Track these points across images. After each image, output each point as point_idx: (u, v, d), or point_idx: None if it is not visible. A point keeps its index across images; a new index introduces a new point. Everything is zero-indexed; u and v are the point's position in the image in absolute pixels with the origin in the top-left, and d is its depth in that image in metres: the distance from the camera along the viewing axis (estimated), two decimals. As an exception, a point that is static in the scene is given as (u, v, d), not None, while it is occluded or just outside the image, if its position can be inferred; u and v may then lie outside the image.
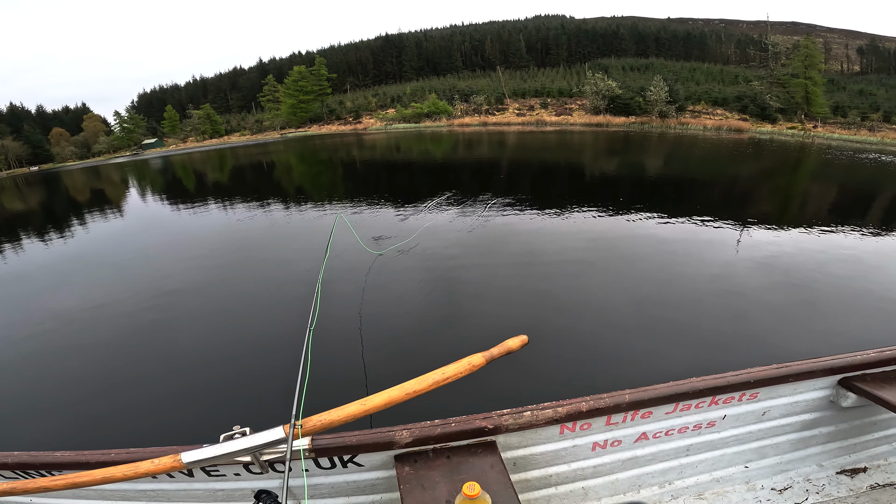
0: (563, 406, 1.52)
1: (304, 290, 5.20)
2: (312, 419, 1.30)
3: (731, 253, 6.41)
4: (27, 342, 4.70)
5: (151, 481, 1.54)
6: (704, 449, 1.85)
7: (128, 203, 16.54)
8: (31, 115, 75.54)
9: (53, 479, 1.37)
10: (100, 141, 71.36)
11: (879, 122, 43.43)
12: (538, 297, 4.98)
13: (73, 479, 1.33)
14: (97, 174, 34.89)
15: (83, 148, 71.15)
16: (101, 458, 1.43)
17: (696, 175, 16.33)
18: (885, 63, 73.73)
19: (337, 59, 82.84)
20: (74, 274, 7.20)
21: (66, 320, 5.17)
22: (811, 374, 1.73)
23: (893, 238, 7.41)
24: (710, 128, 42.48)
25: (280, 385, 3.19)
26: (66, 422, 3.39)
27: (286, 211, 11.09)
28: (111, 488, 1.57)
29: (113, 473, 1.30)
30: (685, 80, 58.65)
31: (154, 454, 1.35)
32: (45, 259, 8.40)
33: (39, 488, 1.38)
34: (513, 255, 6.45)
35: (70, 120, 77.99)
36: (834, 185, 14.78)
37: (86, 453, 1.46)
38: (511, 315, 4.60)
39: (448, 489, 1.33)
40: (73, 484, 1.33)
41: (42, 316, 5.37)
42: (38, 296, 6.19)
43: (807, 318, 4.47)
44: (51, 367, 4.16)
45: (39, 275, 7.31)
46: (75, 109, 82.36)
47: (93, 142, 71.66)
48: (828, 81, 53.12)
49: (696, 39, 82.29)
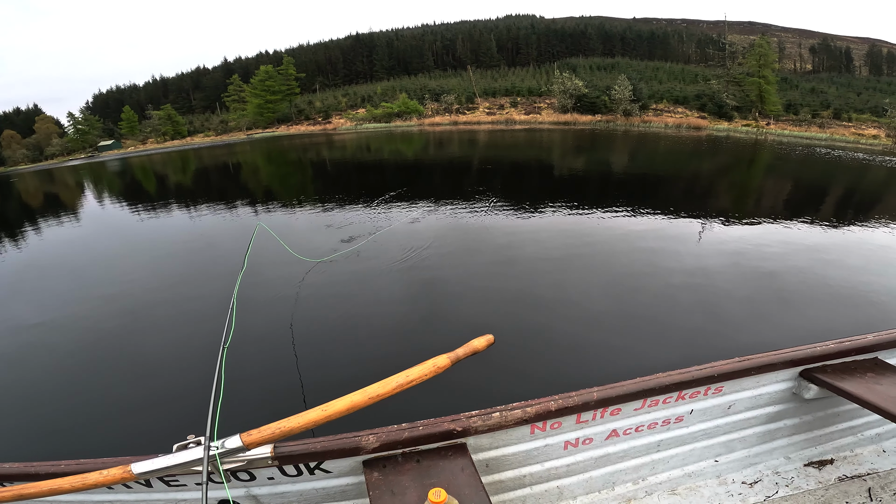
0: (532, 406, 1.51)
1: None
2: (271, 426, 1.27)
3: (700, 248, 6.53)
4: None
5: (107, 492, 1.49)
6: (674, 444, 1.86)
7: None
8: (-21, 118, 71.28)
9: (0, 491, 1.33)
10: (53, 143, 67.82)
11: (829, 119, 45.83)
12: (503, 296, 4.95)
13: (20, 491, 1.29)
14: (50, 177, 33.19)
15: (35, 151, 67.47)
16: (51, 469, 1.38)
17: (659, 171, 16.77)
18: (836, 62, 77.88)
19: (306, 59, 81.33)
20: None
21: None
22: (773, 366, 1.74)
23: (850, 230, 7.75)
24: (670, 125, 43.82)
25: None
26: (5, 434, 3.24)
27: (227, 214, 10.83)
28: (64, 499, 1.50)
29: (60, 485, 1.26)
30: (649, 80, 60.38)
31: (106, 465, 1.31)
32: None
33: None
34: (485, 253, 6.41)
35: (21, 122, 73.83)
36: (789, 180, 15.46)
37: (34, 465, 1.42)
38: (475, 315, 4.57)
39: (418, 494, 1.31)
40: (20, 495, 1.29)
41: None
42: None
43: (772, 311, 4.54)
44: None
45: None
46: (27, 111, 78.10)
47: (45, 144, 68.05)
48: (781, 80, 55.67)
49: (659, 39, 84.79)
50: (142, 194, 17.73)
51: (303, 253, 6.00)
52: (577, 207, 9.30)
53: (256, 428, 1.27)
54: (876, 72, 71.25)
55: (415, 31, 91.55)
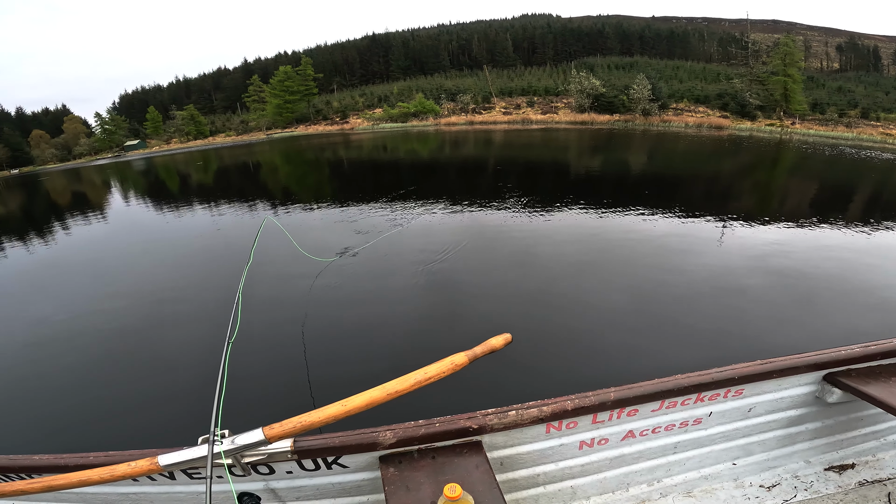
0: (549, 405, 1.51)
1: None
2: (292, 420, 1.28)
3: (721, 249, 6.46)
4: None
5: (132, 484, 1.52)
6: (692, 446, 1.84)
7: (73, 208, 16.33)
8: (11, 117, 73.91)
9: (30, 482, 1.36)
10: (81, 143, 70.04)
11: (857, 119, 44.42)
12: (520, 295, 4.98)
13: (50, 482, 1.32)
14: (78, 176, 34.30)
15: (64, 150, 69.76)
16: (79, 461, 1.41)
17: (679, 172, 16.59)
18: (863, 60, 75.35)
19: (323, 59, 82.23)
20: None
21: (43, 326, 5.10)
22: (795, 369, 1.71)
23: (878, 232, 7.57)
24: (691, 125, 43.08)
25: (259, 391, 3.24)
26: (31, 426, 3.36)
27: (244, 212, 11.07)
28: (91, 491, 1.55)
29: (90, 476, 1.29)
30: (668, 79, 59.38)
31: (133, 457, 1.34)
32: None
33: (16, 491, 1.37)
34: (500, 253, 6.46)
35: (50, 122, 76.42)
36: (814, 180, 15.09)
37: (64, 456, 1.45)
38: (492, 313, 4.58)
39: (433, 490, 1.32)
40: (51, 486, 1.32)
41: (14, 323, 5.33)
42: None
43: (795, 314, 4.47)
44: (18, 372, 4.13)
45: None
46: (55, 111, 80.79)
47: (73, 144, 70.31)
48: (807, 79, 54.17)
49: (679, 38, 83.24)
50: (165, 193, 18.24)
51: (318, 251, 6.14)
52: (594, 208, 9.28)
53: (278, 422, 1.28)
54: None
55: (430, 30, 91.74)
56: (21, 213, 17.38)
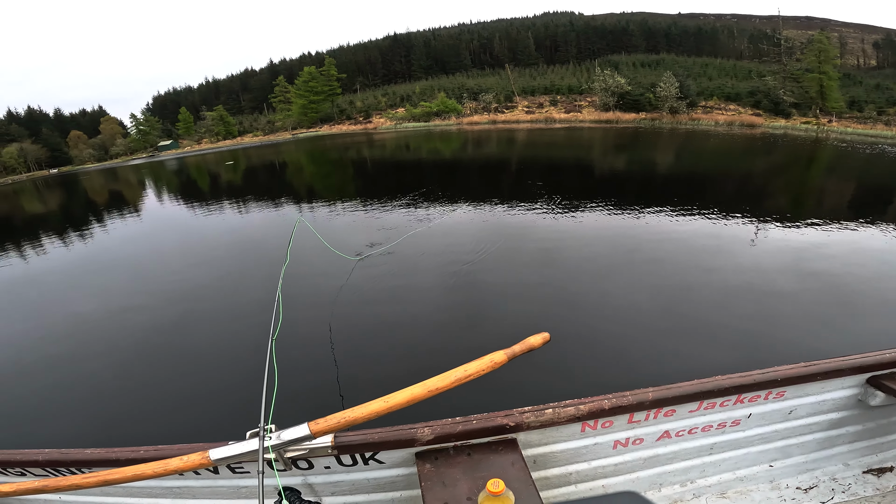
0: (586, 404, 1.51)
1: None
2: (336, 416, 1.30)
3: (756, 250, 6.37)
4: (47, 344, 4.86)
5: (178, 478, 1.56)
6: (728, 448, 1.83)
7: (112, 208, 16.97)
8: (49, 118, 77.18)
9: (85, 477, 1.38)
10: (117, 143, 72.77)
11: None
12: (553, 296, 5.00)
13: (105, 477, 1.34)
14: (115, 176, 35.68)
15: (101, 150, 72.55)
16: (131, 455, 1.45)
17: (710, 171, 16.27)
18: (902, 56, 72.05)
19: (346, 59, 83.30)
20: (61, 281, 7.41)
21: (82, 322, 5.32)
22: (839, 372, 1.69)
23: None
24: (721, 123, 41.96)
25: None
26: (79, 421, 3.47)
27: (273, 211, 11.34)
28: (139, 485, 1.58)
29: (143, 471, 1.31)
30: (697, 76, 57.92)
31: (182, 451, 1.37)
32: (58, 263, 8.74)
33: (71, 485, 1.40)
34: (529, 253, 6.49)
35: (87, 122, 79.55)
36: (854, 180, 14.60)
37: (115, 451, 1.48)
38: (529, 314, 4.61)
39: (469, 486, 1.33)
40: (105, 481, 1.34)
41: (60, 318, 5.58)
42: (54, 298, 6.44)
43: (835, 317, 4.40)
44: (66, 368, 4.29)
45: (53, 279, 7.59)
46: (92, 112, 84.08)
47: (110, 144, 73.09)
48: (843, 76, 52.05)
49: (707, 35, 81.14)
50: (197, 192, 18.85)
51: (347, 249, 6.26)
52: (622, 207, 9.22)
53: (322, 417, 1.30)
54: (949, 65, 65.26)
55: (451, 30, 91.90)
56: (60, 211, 18.22)
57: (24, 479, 1.60)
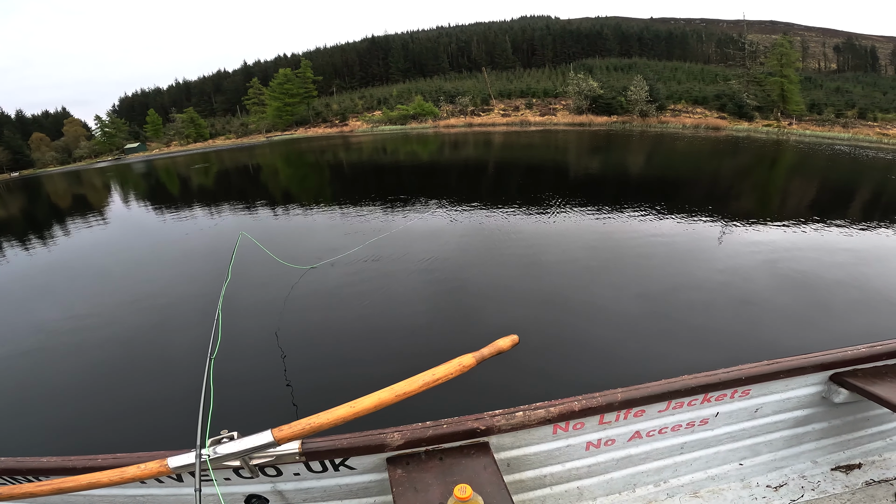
0: (556, 406, 1.52)
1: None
2: (301, 422, 1.28)
3: (724, 250, 6.45)
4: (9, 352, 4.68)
5: (140, 486, 1.52)
6: (698, 447, 1.85)
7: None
8: (11, 120, 74.13)
9: (38, 485, 1.36)
10: (81, 146, 70.26)
11: (854, 119, 44.58)
12: (526, 297, 5.02)
13: (59, 485, 1.31)
14: (78, 179, 34.44)
15: (64, 153, 70.01)
16: (88, 463, 1.41)
17: (677, 173, 16.65)
18: (861, 61, 75.62)
19: (323, 62, 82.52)
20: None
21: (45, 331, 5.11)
22: (802, 370, 1.72)
23: (881, 231, 7.59)
24: (688, 126, 43.16)
25: (266, 394, 3.31)
26: (51, 429, 3.40)
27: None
28: (99, 494, 1.54)
29: (99, 479, 1.28)
30: (667, 80, 59.54)
31: (141, 459, 1.34)
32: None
33: (25, 493, 1.36)
34: (502, 255, 6.50)
35: (50, 125, 76.76)
36: (816, 180, 15.15)
37: (72, 459, 1.44)
38: (501, 316, 4.62)
39: (441, 491, 1.33)
40: (59, 489, 1.31)
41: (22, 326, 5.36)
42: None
43: (801, 315, 4.47)
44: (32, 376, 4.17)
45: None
46: (55, 114, 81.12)
47: (74, 146, 70.54)
48: (805, 79, 54.28)
49: (677, 39, 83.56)
50: (164, 197, 18.34)
51: (315, 254, 6.19)
52: (595, 209, 9.37)
53: (287, 423, 1.29)
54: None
55: (430, 33, 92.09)
56: (22, 216, 17.50)
57: None
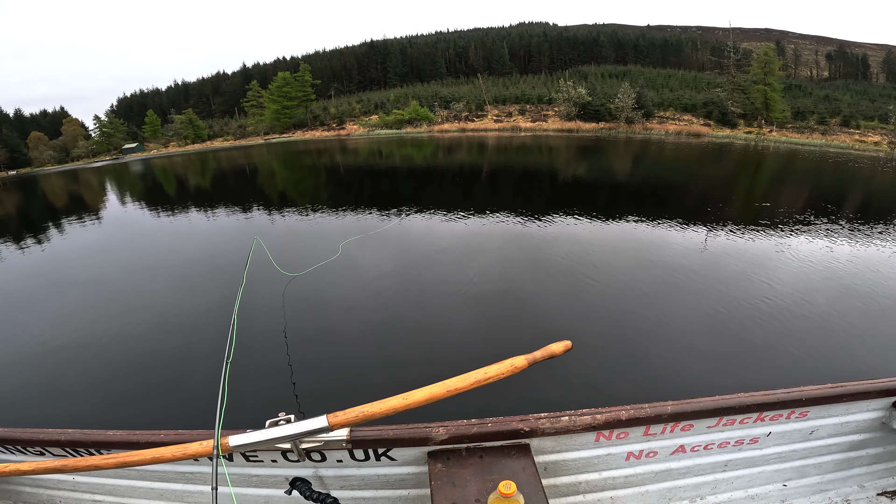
0: (602, 413, 1.51)
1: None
2: (355, 410, 1.29)
3: (779, 267, 6.22)
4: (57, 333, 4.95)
5: (192, 464, 1.57)
6: (743, 465, 1.81)
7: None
8: (9, 119, 74.50)
9: (104, 458, 1.39)
10: (79, 145, 70.63)
11: (837, 126, 45.62)
12: (575, 305, 5.08)
13: (124, 459, 1.35)
14: (75, 178, 34.92)
15: (62, 152, 70.31)
16: (151, 438, 1.46)
17: (665, 180, 16.91)
18: (852, 69, 76.65)
19: (321, 65, 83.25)
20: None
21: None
22: (866, 394, 1.68)
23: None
24: (671, 133, 44.11)
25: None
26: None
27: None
28: (152, 468, 1.59)
29: (163, 454, 1.32)
30: (660, 87, 60.43)
31: (201, 437, 1.38)
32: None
33: (90, 466, 1.40)
34: (555, 260, 6.53)
35: (48, 124, 77.17)
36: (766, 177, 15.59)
37: (136, 433, 1.48)
38: (549, 321, 4.68)
39: (478, 488, 1.33)
40: (124, 463, 1.34)
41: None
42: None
43: (863, 338, 4.33)
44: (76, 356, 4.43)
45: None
46: (54, 113, 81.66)
47: (72, 146, 70.87)
48: (795, 87, 55.26)
49: (672, 46, 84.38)
50: (162, 197, 18.78)
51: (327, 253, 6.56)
52: (588, 215, 9.48)
53: (341, 410, 1.31)
54: (893, 79, 69.88)
55: (428, 38, 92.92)
56: (18, 216, 18.00)
57: (43, 458, 1.63)
